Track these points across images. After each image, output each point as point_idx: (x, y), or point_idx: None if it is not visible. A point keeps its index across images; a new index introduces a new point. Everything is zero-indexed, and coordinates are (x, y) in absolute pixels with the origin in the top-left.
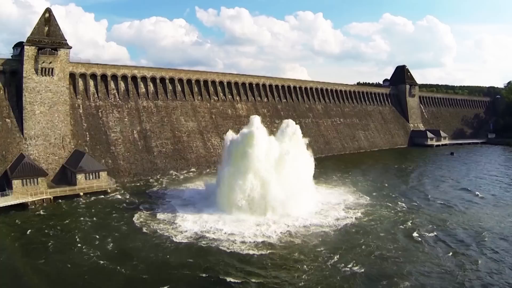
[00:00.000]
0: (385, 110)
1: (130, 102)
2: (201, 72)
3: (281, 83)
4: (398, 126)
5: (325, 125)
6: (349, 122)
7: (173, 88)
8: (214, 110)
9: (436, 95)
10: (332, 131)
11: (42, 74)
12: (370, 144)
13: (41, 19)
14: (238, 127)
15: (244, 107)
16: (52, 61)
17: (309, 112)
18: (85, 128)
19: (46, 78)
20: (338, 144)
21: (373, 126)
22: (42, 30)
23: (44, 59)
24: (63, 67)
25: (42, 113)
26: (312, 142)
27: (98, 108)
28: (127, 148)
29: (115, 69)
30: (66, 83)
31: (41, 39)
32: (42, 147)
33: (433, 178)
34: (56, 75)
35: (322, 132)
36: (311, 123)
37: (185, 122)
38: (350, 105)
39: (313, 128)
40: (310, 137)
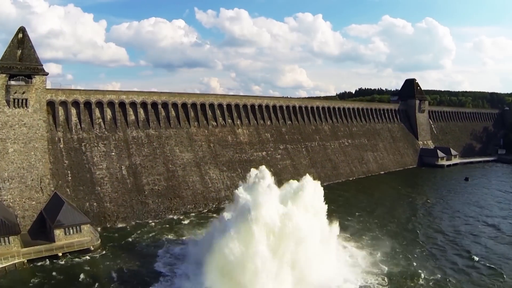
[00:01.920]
0: (394, 128)
1: (118, 132)
2: (197, 94)
3: (285, 103)
4: (407, 144)
5: (332, 147)
6: (357, 143)
7: (166, 114)
8: (212, 138)
9: (445, 109)
10: (339, 154)
11: (14, 106)
12: (379, 166)
13: (13, 41)
14: (239, 156)
15: (246, 132)
16: (26, 90)
17: (315, 134)
18: (67, 166)
19: (19, 110)
20: (346, 168)
21: (382, 146)
22: (14, 54)
23: (17, 89)
24: (39, 97)
25: (16, 152)
26: (319, 168)
27: (81, 141)
28: (115, 187)
29: (100, 94)
30: (43, 115)
31: (12, 65)
32: (17, 190)
33: (463, 219)
34: (31, 107)
35: (330, 156)
36: (317, 146)
37: (180, 153)
38: (358, 124)
39: (320, 152)
40: (317, 163)
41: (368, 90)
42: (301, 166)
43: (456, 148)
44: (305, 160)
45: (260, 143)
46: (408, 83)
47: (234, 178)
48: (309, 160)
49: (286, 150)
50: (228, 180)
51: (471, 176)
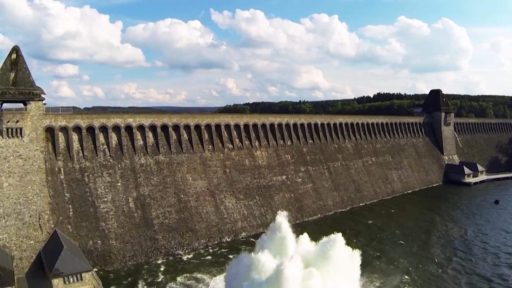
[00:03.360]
0: (418, 143)
1: (124, 160)
2: (212, 115)
3: (307, 121)
4: (432, 160)
5: (355, 167)
6: (381, 160)
7: (178, 137)
8: (228, 162)
9: (470, 120)
10: (363, 174)
11: (8, 136)
12: (404, 185)
13: (6, 62)
14: (257, 181)
15: (264, 154)
16: (20, 118)
17: (338, 153)
18: (68, 200)
19: (14, 140)
20: (370, 190)
21: (407, 162)
22: (7, 77)
23: (10, 117)
24: (36, 125)
25: (11, 186)
26: (342, 191)
27: (84, 171)
28: (121, 222)
29: (104, 118)
30: (40, 144)
31: (5, 91)
32: (14, 228)
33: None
34: (26, 136)
35: (353, 176)
36: (340, 167)
37: (193, 181)
38: (382, 140)
39: (343, 173)
40: (340, 186)
41: (387, 95)
42: (323, 189)
43: (481, 162)
44: (328, 183)
45: (279, 166)
46: (433, 94)
47: (252, 206)
48: (331, 183)
49: (307, 172)
50: (245, 209)
51: (501, 197)
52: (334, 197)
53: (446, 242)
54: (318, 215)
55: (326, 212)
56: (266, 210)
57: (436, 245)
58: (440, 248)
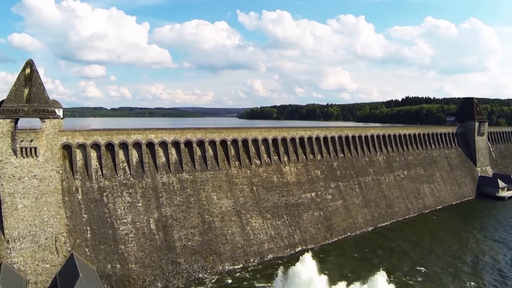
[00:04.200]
0: (451, 154)
1: (146, 178)
2: (239, 129)
3: (337, 133)
4: (465, 172)
5: (387, 182)
6: (413, 174)
7: (202, 153)
8: (255, 180)
9: (504, 129)
10: (395, 189)
11: (22, 155)
12: (436, 200)
13: (19, 77)
14: (286, 199)
15: (293, 170)
16: (34, 138)
17: (369, 167)
18: (86, 221)
19: (28, 160)
20: (402, 205)
21: (439, 175)
22: (20, 93)
23: (23, 136)
24: (51, 144)
25: (26, 207)
26: (373, 207)
27: (103, 190)
28: (141, 245)
29: (124, 134)
30: (56, 164)
31: (18, 108)
32: (29, 251)
33: None
34: (41, 156)
35: (384, 192)
36: (371, 181)
37: (218, 201)
38: (415, 152)
39: (374, 188)
40: (370, 202)
41: (415, 99)
42: (354, 206)
43: None
44: (358, 199)
45: (309, 183)
46: (467, 103)
47: (279, 226)
48: (362, 199)
49: (337, 188)
50: (272, 229)
51: None
52: (364, 214)
53: (480, 268)
54: (348, 233)
55: (356, 231)
56: (294, 230)
57: (482, 271)
58: (487, 275)
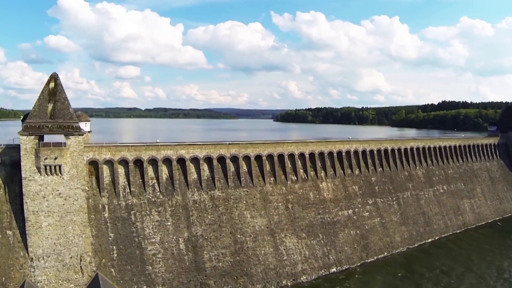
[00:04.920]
0: (492, 167)
1: (176, 196)
2: (275, 143)
3: (376, 147)
4: (506, 186)
5: (426, 197)
6: (453, 188)
7: (236, 169)
8: (291, 197)
9: None
10: (434, 205)
11: (47, 173)
12: (476, 216)
13: (43, 92)
14: (321, 217)
15: (330, 186)
16: (58, 155)
17: (408, 182)
18: (112, 240)
19: (53, 178)
20: (440, 222)
21: (480, 190)
22: (44, 109)
23: (47, 154)
24: (76, 162)
25: (51, 226)
26: (411, 225)
27: (131, 208)
28: (169, 266)
29: (153, 150)
30: (82, 182)
31: (42, 124)
32: (53, 270)
33: None
34: (66, 174)
35: (423, 208)
36: (410, 197)
37: (252, 219)
38: (455, 165)
39: (413, 204)
40: (409, 219)
41: (452, 103)
42: (391, 224)
43: None
44: (396, 216)
45: (346, 199)
46: (509, 112)
47: (314, 246)
48: (400, 216)
49: (375, 205)
50: (306, 249)
51: None
52: (402, 233)
53: None
54: (385, 253)
55: (393, 250)
56: (329, 249)
57: None
58: None
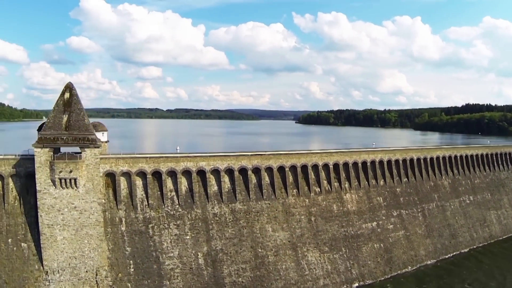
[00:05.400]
0: None
1: (195, 209)
2: (298, 154)
3: (402, 156)
4: None
5: (452, 208)
6: (479, 199)
7: (258, 181)
8: (314, 209)
9: None
10: (459, 216)
11: (62, 186)
12: (503, 228)
13: (58, 103)
14: (345, 230)
15: (354, 197)
16: (74, 168)
17: (434, 192)
18: (129, 255)
19: (68, 191)
20: (466, 235)
21: (507, 200)
22: (59, 120)
23: (62, 167)
24: (92, 175)
25: (66, 239)
26: (436, 237)
27: (148, 222)
28: (188, 281)
29: (173, 162)
30: (98, 196)
31: (57, 136)
32: (69, 284)
33: None
34: (81, 187)
35: (448, 220)
36: (435, 208)
37: (273, 233)
38: (481, 174)
39: (438, 215)
40: (434, 231)
41: (476, 106)
42: (416, 236)
43: None
44: (421, 229)
45: (370, 211)
46: None
47: (337, 260)
48: (425, 228)
49: (400, 217)
50: (329, 263)
51: None
52: (426, 246)
53: None
54: (409, 267)
55: (417, 264)
56: (352, 264)
57: None
58: None
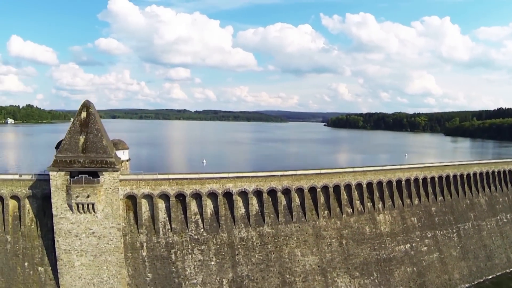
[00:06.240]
0: None
1: (221, 233)
2: (330, 174)
3: (437, 173)
4: None
5: (488, 228)
6: None
7: (288, 203)
8: (345, 232)
9: None
10: (496, 237)
11: (79, 211)
12: None
13: (74, 123)
14: (377, 253)
15: (388, 218)
16: (91, 193)
17: (470, 211)
18: (150, 281)
19: (86, 216)
20: (502, 256)
21: None
22: (75, 142)
23: (79, 192)
24: (111, 200)
25: (84, 265)
26: (471, 259)
27: (171, 247)
28: None
29: (197, 184)
30: (117, 221)
31: (73, 159)
32: None
33: None
34: (100, 212)
35: (484, 240)
36: (471, 228)
37: (302, 258)
38: None
39: (474, 236)
40: (469, 253)
41: (509, 110)
42: (450, 259)
43: None
44: (456, 251)
45: (404, 232)
46: None
47: (368, 286)
48: (460, 250)
49: (434, 238)
50: None
51: None
52: (461, 269)
53: None
54: None
55: None
56: None
57: None
58: None
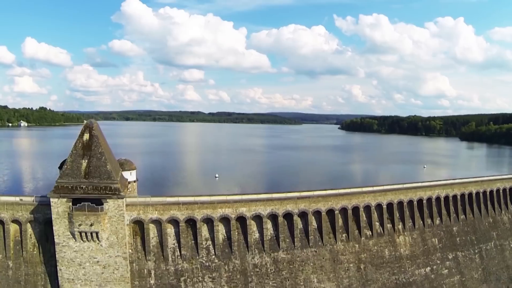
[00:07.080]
0: None
1: (233, 259)
2: (350, 195)
3: (460, 191)
4: None
5: (511, 247)
6: None
7: (304, 226)
8: (364, 256)
9: None
10: None
11: (82, 239)
12: None
13: (76, 145)
14: (396, 278)
15: (408, 240)
16: (95, 221)
17: (492, 230)
18: None
19: (90, 244)
20: None
21: None
22: (77, 166)
23: (82, 220)
24: (116, 228)
25: None
26: (493, 282)
27: (181, 274)
28: None
29: (209, 208)
30: (123, 249)
31: (75, 185)
32: None
33: None
34: (104, 240)
35: (507, 261)
36: (493, 248)
37: (319, 284)
38: None
39: (496, 257)
40: (491, 275)
41: None
42: (472, 281)
43: None
44: (477, 273)
45: (424, 255)
46: None
47: None
48: (481, 272)
49: (455, 260)
50: None
51: None
52: None
53: None
54: None
55: None
56: None
57: None
58: None
